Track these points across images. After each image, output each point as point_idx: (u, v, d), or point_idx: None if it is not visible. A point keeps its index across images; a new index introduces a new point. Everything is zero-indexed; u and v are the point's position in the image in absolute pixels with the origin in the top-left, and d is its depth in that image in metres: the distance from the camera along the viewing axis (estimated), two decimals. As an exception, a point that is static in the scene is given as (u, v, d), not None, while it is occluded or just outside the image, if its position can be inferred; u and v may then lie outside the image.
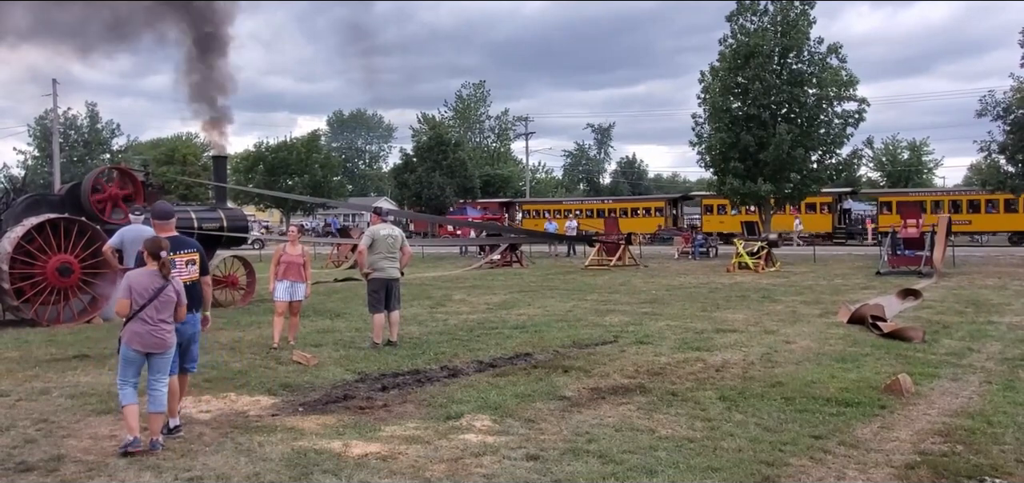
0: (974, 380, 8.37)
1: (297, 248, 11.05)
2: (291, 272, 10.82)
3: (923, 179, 75.26)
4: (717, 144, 33.58)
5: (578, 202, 58.03)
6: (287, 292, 10.80)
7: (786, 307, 15.03)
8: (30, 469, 5.60)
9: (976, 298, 16.18)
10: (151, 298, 6.00)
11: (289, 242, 11.14)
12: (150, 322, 6.01)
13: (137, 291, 6.01)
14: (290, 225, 13.07)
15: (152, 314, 6.01)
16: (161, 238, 6.41)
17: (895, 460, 5.70)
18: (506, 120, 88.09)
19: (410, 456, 5.79)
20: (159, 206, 7.15)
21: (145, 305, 5.98)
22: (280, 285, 10.81)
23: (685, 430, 6.46)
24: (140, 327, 5.99)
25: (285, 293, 10.80)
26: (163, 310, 6.06)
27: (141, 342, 6.00)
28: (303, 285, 10.94)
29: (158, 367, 6.12)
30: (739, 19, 34.03)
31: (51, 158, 54.49)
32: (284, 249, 11.01)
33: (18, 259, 12.87)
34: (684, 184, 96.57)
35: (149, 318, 6.00)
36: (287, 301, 10.81)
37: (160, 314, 6.05)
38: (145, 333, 6.00)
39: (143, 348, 6.01)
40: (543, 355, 9.90)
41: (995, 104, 30.67)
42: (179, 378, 6.59)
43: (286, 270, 10.82)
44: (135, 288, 6.02)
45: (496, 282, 21.50)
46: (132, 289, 6.02)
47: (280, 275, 10.83)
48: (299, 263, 10.90)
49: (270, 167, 66.15)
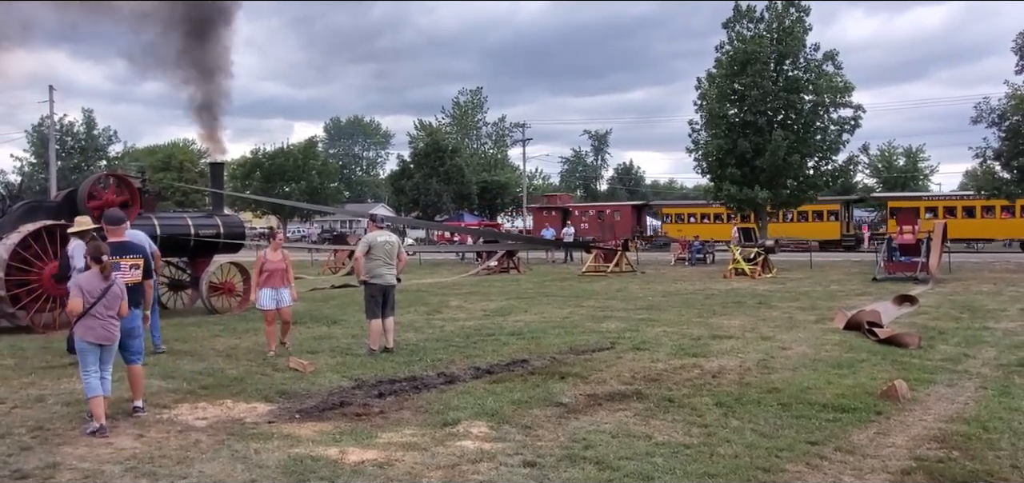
0: (970, 386, 8.38)
1: (278, 254, 10.99)
2: (274, 279, 10.73)
3: (919, 185, 75.39)
4: (714, 150, 33.61)
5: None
6: (272, 299, 10.68)
7: (782, 313, 15.04)
8: (26, 477, 5.59)
9: (972, 304, 16.21)
10: (100, 297, 6.74)
11: (271, 248, 11.06)
12: (100, 317, 6.77)
13: (87, 291, 6.73)
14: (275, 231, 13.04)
15: (102, 311, 6.77)
16: (101, 243, 7.15)
17: (891, 466, 5.71)
18: (503, 126, 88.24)
19: (407, 463, 5.79)
20: (110, 213, 7.93)
21: (94, 303, 6.72)
22: (264, 293, 10.69)
23: (681, 436, 6.46)
24: (92, 322, 6.75)
25: (271, 301, 10.68)
26: (111, 306, 6.83)
27: (94, 335, 6.76)
28: (288, 290, 10.85)
29: (105, 359, 6.90)
30: (736, 26, 34.12)
31: (47, 164, 54.40)
32: (266, 255, 10.91)
33: (14, 265, 12.84)
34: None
35: (99, 314, 6.76)
36: (274, 308, 10.71)
37: (109, 310, 6.82)
38: (97, 327, 6.76)
39: (95, 340, 6.77)
40: (540, 361, 9.90)
41: (990, 110, 30.78)
42: (131, 369, 7.38)
43: (269, 277, 10.72)
44: (85, 289, 6.75)
45: (493, 288, 21.50)
46: (83, 290, 6.74)
47: (263, 283, 10.72)
48: (282, 268, 10.83)
49: (267, 173, 66.19)
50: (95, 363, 6.78)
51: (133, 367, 7.40)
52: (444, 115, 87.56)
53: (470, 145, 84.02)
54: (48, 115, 54.11)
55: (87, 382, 6.74)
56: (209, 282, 15.78)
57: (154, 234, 13.72)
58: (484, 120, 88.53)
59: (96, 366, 6.78)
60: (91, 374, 6.73)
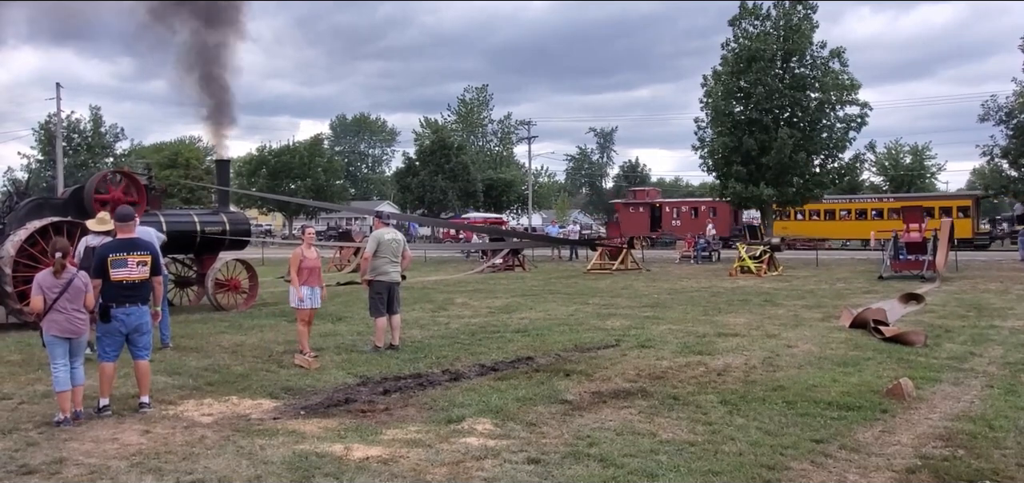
0: (976, 384, 8.36)
1: (313, 251, 10.67)
2: (314, 277, 10.40)
3: (926, 184, 75.08)
4: (719, 148, 33.61)
5: (876, 199, 49.26)
6: (311, 298, 10.33)
7: (788, 311, 15.02)
8: (32, 472, 5.62)
9: (978, 302, 16.16)
10: (61, 292, 6.87)
11: (305, 245, 10.68)
12: (64, 311, 6.88)
13: (46, 288, 6.87)
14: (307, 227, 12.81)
15: (65, 305, 6.88)
16: (61, 240, 7.37)
17: (896, 464, 5.70)
18: (508, 124, 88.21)
19: (411, 459, 5.80)
20: (120, 210, 7.90)
21: (56, 298, 6.85)
22: (304, 291, 10.24)
23: (686, 434, 6.46)
24: (57, 316, 6.87)
25: (310, 300, 10.31)
26: (75, 300, 6.94)
27: (60, 329, 6.87)
28: (320, 289, 10.59)
29: (75, 350, 7.01)
30: (741, 23, 34.08)
31: (54, 161, 54.59)
32: (303, 252, 10.48)
33: (21, 262, 12.89)
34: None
35: (63, 308, 6.87)
36: (311, 308, 10.37)
37: (73, 304, 6.92)
38: (62, 320, 6.88)
39: (62, 334, 6.88)
40: (545, 359, 9.91)
41: (997, 108, 30.75)
42: (137, 364, 7.41)
43: (310, 275, 10.36)
44: (44, 286, 6.88)
45: (498, 286, 21.51)
46: (41, 287, 6.88)
47: (302, 280, 10.27)
48: (318, 267, 10.55)
49: (273, 171, 66.29)
50: (64, 356, 6.89)
51: (140, 363, 7.43)
52: (450, 113, 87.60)
53: (475, 143, 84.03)
54: (55, 112, 54.35)
55: (54, 376, 6.89)
56: (215, 279, 15.82)
57: (160, 230, 13.76)
58: (489, 118, 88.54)
59: (65, 359, 6.89)
60: (59, 367, 6.86)
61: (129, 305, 7.26)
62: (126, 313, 7.23)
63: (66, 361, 6.91)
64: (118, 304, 7.22)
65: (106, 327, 7.24)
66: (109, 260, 7.22)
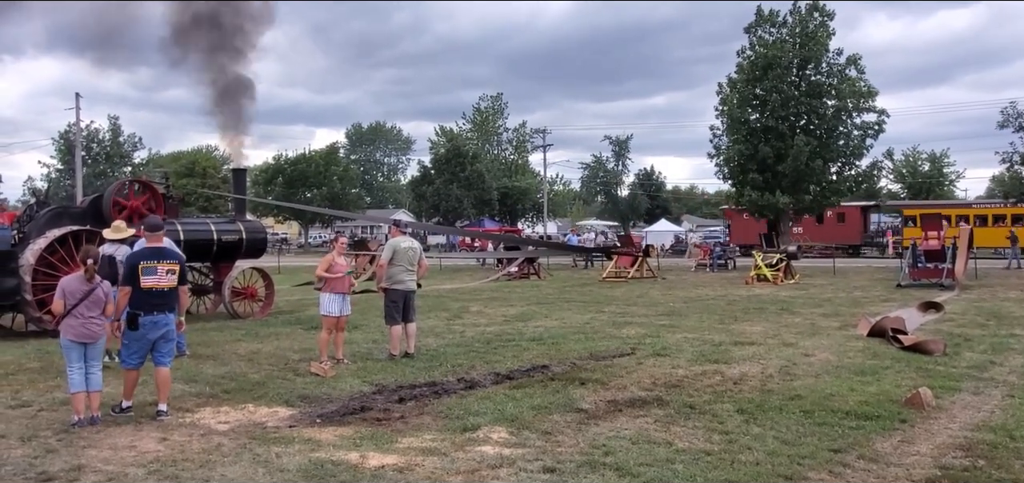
0: (996, 394, 8.26)
1: (342, 259, 10.68)
2: (342, 284, 10.35)
3: (944, 191, 74.52)
4: (735, 156, 33.51)
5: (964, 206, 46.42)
6: (339, 306, 10.29)
7: (805, 319, 14.92)
8: (51, 479, 5.67)
9: (998, 311, 15.99)
10: (81, 298, 7.08)
11: (337, 251, 10.65)
12: (81, 318, 7.09)
13: (69, 293, 7.07)
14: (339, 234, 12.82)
15: (83, 311, 7.10)
16: (92, 248, 7.62)
17: (915, 474, 5.64)
18: (524, 132, 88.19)
19: (427, 468, 5.80)
20: (149, 220, 8.12)
21: (76, 304, 7.06)
22: (331, 298, 10.21)
23: (702, 443, 6.42)
24: (74, 322, 7.08)
25: (337, 307, 10.24)
26: (93, 308, 7.15)
27: (75, 334, 7.08)
28: (348, 298, 10.53)
29: (92, 356, 7.18)
30: (757, 31, 33.99)
31: (74, 171, 55.12)
32: (334, 259, 10.45)
33: (41, 270, 13.02)
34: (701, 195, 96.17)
35: (80, 315, 7.08)
36: (337, 315, 10.28)
37: (90, 312, 7.14)
38: (78, 326, 7.09)
39: (77, 339, 7.09)
40: (560, 367, 9.89)
41: (1017, 115, 30.48)
42: (158, 371, 7.49)
43: (339, 282, 10.31)
44: (67, 291, 7.09)
45: (513, 294, 21.50)
46: (65, 292, 7.08)
47: (330, 287, 10.22)
48: (344, 276, 10.51)
49: (289, 179, 66.62)
50: (79, 360, 7.08)
51: (161, 370, 7.50)
52: (465, 121, 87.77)
53: (490, 151, 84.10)
54: (75, 122, 54.88)
55: (70, 378, 7.09)
56: (231, 287, 15.91)
57: (178, 239, 13.88)
58: (504, 126, 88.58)
59: (80, 362, 7.08)
60: (74, 370, 7.05)
61: (157, 313, 7.40)
62: (153, 321, 7.37)
63: (81, 364, 7.09)
64: (146, 312, 7.34)
65: (133, 334, 7.34)
66: (140, 267, 7.32)
